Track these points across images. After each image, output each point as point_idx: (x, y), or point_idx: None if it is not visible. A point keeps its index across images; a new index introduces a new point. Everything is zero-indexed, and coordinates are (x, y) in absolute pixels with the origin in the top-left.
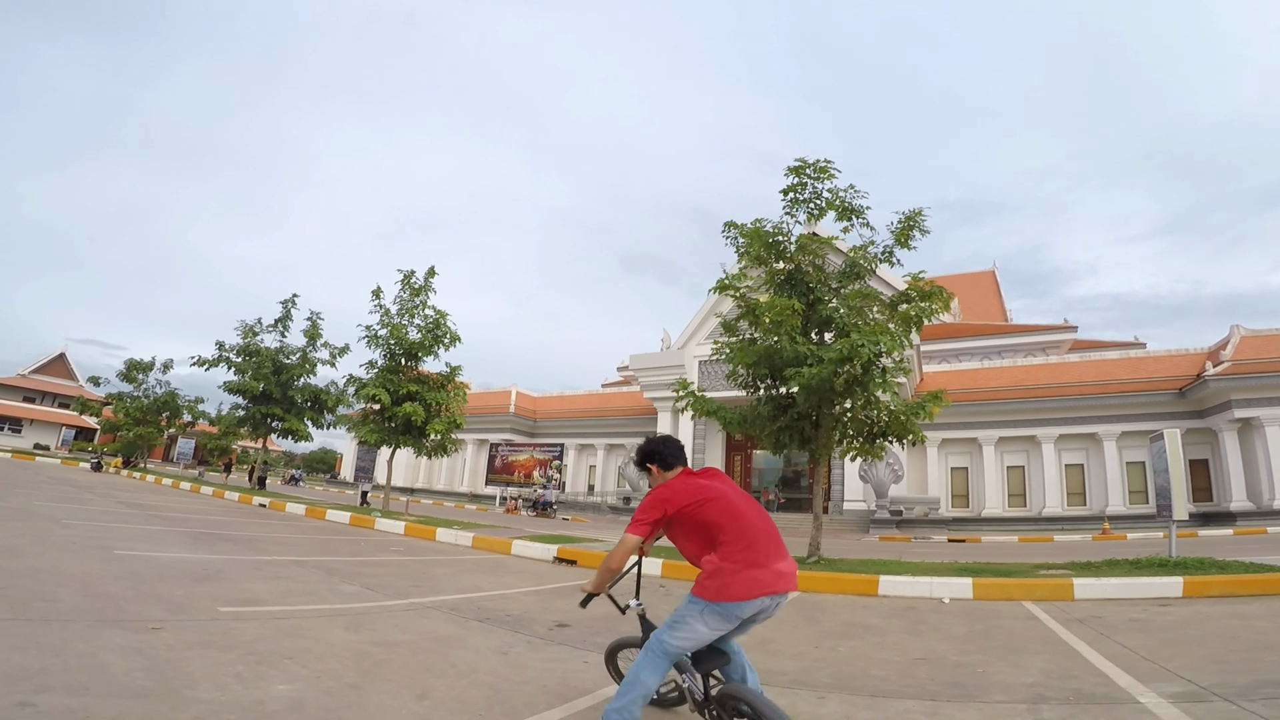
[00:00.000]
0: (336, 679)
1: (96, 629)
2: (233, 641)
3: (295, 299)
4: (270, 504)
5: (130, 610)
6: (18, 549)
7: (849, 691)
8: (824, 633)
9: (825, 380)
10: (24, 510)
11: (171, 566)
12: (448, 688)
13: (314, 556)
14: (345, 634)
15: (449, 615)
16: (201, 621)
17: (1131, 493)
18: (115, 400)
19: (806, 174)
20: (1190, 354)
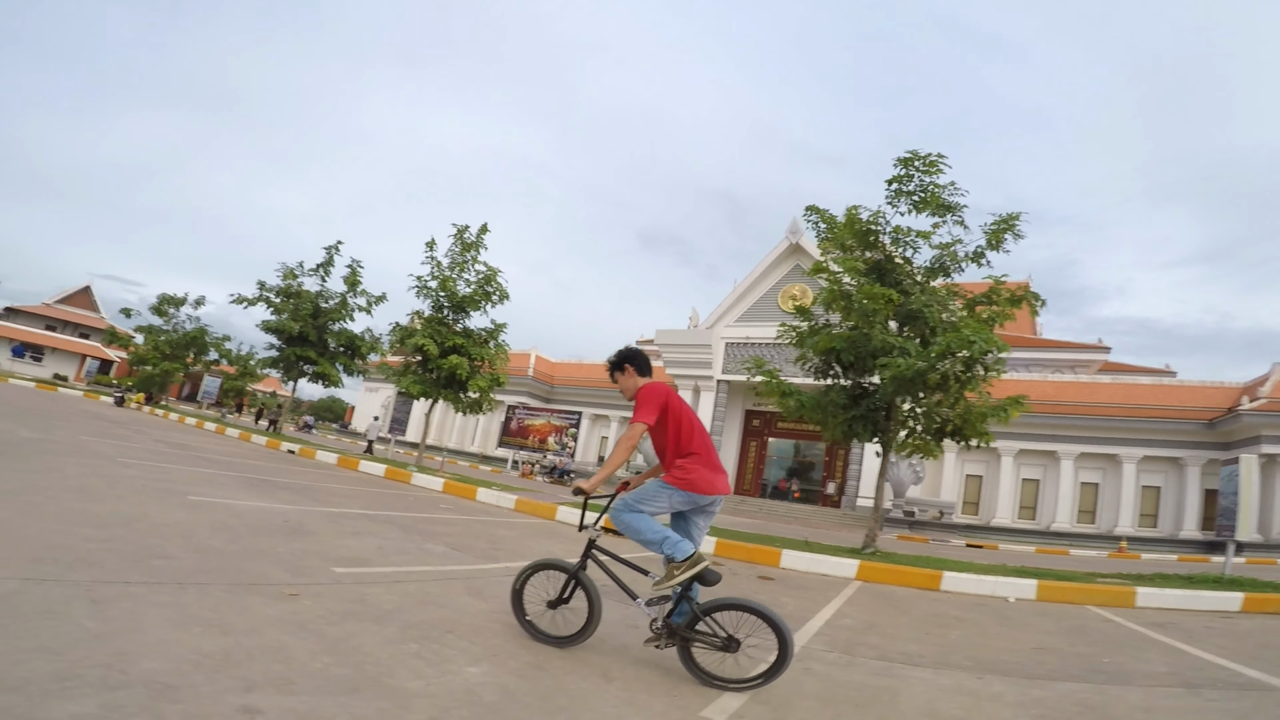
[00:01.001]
0: (515, 658)
1: (236, 596)
2: (379, 611)
3: (339, 245)
4: (300, 451)
5: (250, 571)
6: (95, 491)
7: (1002, 674)
8: (919, 622)
9: (921, 373)
10: (76, 445)
11: (252, 517)
12: (621, 668)
13: (376, 510)
14: (476, 602)
15: None
16: (328, 585)
17: (1143, 515)
18: (146, 332)
19: (914, 166)
20: (1224, 387)
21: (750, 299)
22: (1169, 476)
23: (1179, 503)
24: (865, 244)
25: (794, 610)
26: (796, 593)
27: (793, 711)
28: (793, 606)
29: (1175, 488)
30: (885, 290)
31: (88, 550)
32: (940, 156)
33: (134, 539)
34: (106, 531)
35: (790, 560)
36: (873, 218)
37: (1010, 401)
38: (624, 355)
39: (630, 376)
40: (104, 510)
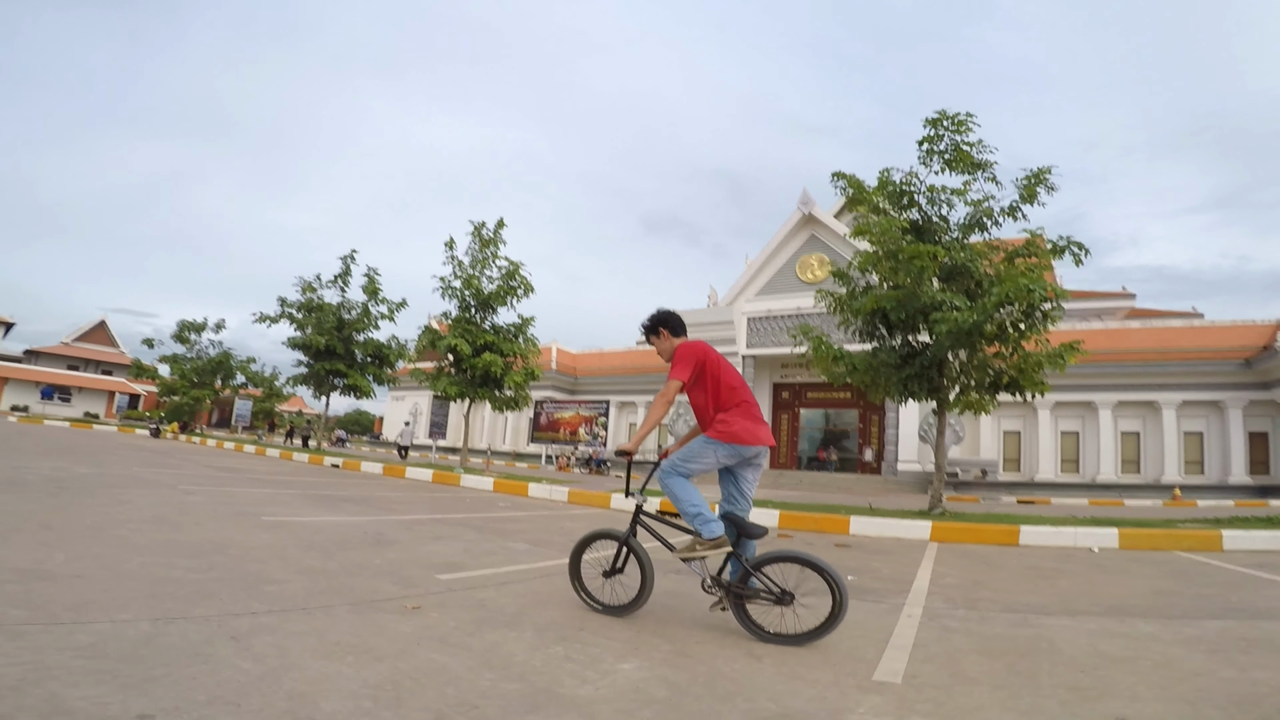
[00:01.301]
0: (655, 649)
1: (363, 615)
2: (505, 616)
3: (354, 254)
4: (344, 464)
5: (361, 588)
6: (172, 520)
7: (1140, 616)
8: (1021, 575)
9: (978, 325)
10: (134, 477)
11: (331, 531)
12: (755, 643)
13: (443, 514)
14: None
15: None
16: (441, 594)
17: (1188, 463)
18: (171, 362)
19: (944, 126)
20: (1256, 325)
21: (768, 273)
22: (1210, 421)
23: (1224, 448)
24: (899, 205)
25: (890, 573)
26: (882, 557)
27: (961, 666)
28: (887, 570)
29: (1219, 432)
30: (931, 247)
31: (196, 581)
32: (969, 115)
33: (232, 565)
34: (203, 560)
35: (860, 527)
36: (906, 179)
37: (1066, 348)
38: (658, 318)
39: (666, 339)
40: (190, 538)
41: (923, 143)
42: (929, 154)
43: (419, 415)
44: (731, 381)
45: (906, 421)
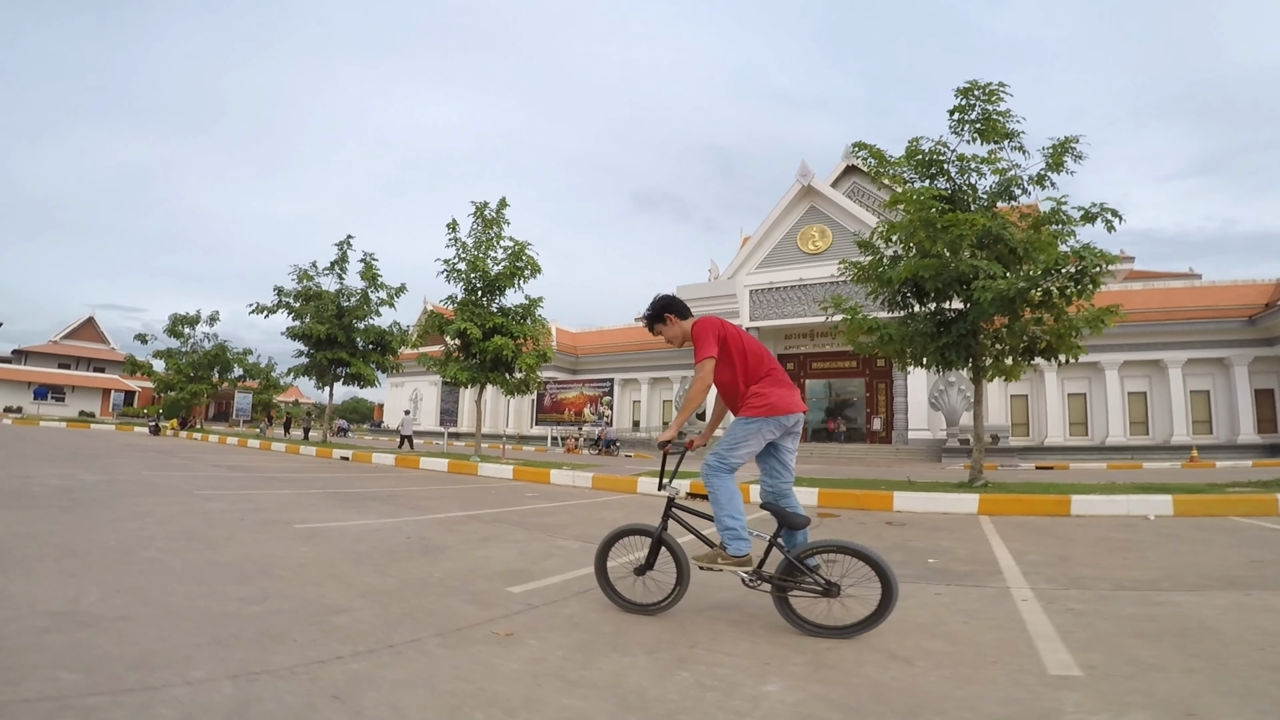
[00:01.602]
0: (788, 661)
1: (458, 650)
2: (606, 637)
3: (350, 240)
4: (354, 456)
5: (438, 611)
6: (201, 534)
7: (1259, 589)
8: (1099, 548)
9: (1023, 291)
10: (146, 483)
11: (373, 539)
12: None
13: (476, 509)
14: None
15: None
16: (525, 613)
17: (1196, 422)
18: (166, 357)
19: (974, 95)
20: (1257, 284)
21: (768, 245)
22: (1216, 379)
23: (1231, 405)
24: (927, 174)
25: (967, 552)
26: (944, 534)
27: (1130, 651)
28: (963, 550)
29: (1225, 390)
30: (970, 215)
31: (257, 617)
32: (1001, 85)
33: (286, 590)
34: (251, 586)
35: (904, 502)
36: (935, 148)
37: (1106, 311)
38: (660, 305)
39: (674, 324)
40: (228, 557)
41: (954, 112)
42: (960, 123)
43: (420, 401)
44: (757, 350)
45: (915, 390)
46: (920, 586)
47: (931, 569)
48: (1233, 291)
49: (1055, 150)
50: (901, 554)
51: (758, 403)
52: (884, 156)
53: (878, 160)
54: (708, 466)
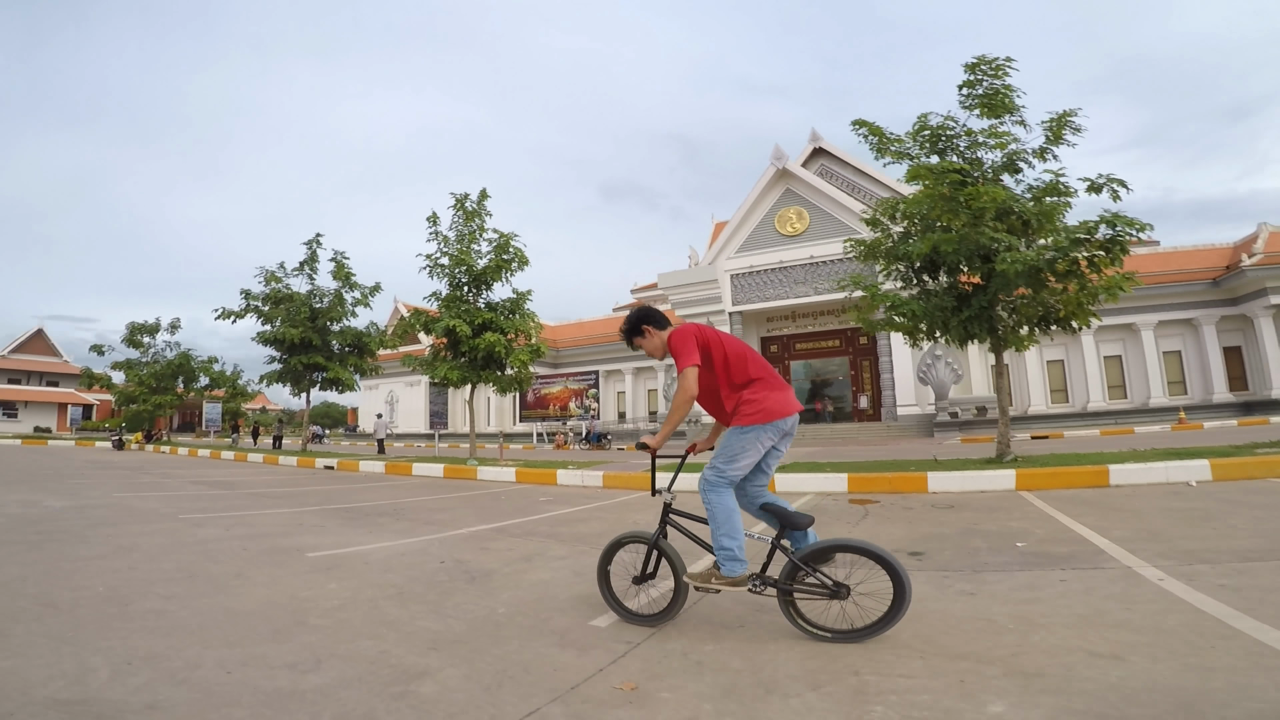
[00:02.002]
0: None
1: (592, 717)
2: (741, 676)
3: (320, 238)
4: (339, 465)
5: (534, 664)
6: (203, 572)
7: None
8: (1175, 519)
9: (1050, 261)
10: (123, 508)
11: (405, 569)
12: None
13: (497, 520)
14: (765, 615)
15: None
16: (629, 653)
17: (1170, 384)
18: (126, 368)
19: (981, 70)
20: (1217, 248)
21: (746, 229)
22: (1187, 339)
23: (1203, 365)
24: (934, 149)
25: (1044, 533)
26: (1001, 515)
27: None
28: (1039, 530)
29: (1195, 350)
30: (996, 189)
31: (320, 693)
32: (1008, 60)
33: (339, 648)
34: (293, 644)
35: (939, 483)
36: (943, 124)
37: (1123, 278)
38: (637, 318)
39: (652, 335)
40: (247, 603)
41: (962, 87)
42: (969, 98)
43: (396, 403)
44: (740, 352)
45: (901, 365)
46: (1037, 574)
47: (1026, 553)
48: (1194, 256)
49: (1055, 124)
50: (981, 539)
51: (751, 410)
52: (884, 133)
53: (878, 137)
54: (705, 482)
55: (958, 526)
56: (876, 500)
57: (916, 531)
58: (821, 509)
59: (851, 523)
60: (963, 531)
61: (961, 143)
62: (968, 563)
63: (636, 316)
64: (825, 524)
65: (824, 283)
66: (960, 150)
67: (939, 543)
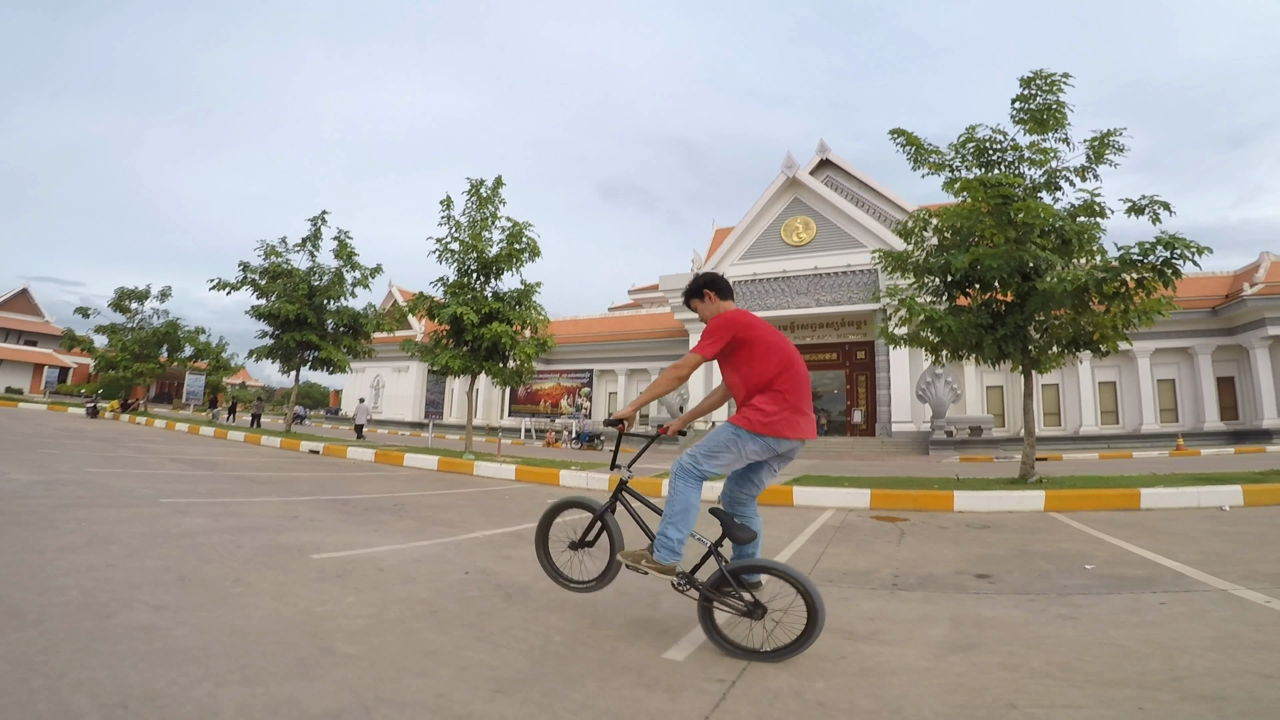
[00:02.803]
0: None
1: None
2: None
3: (325, 215)
4: (325, 450)
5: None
6: (195, 574)
7: None
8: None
9: (1099, 281)
10: (98, 487)
11: (426, 578)
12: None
13: (511, 524)
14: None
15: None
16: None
17: (1163, 410)
18: (110, 333)
19: (1036, 85)
20: (1216, 276)
21: (751, 237)
22: (1181, 368)
23: (1196, 394)
24: (980, 162)
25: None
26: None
27: None
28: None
29: (1189, 379)
30: (1046, 205)
31: None
32: (1064, 76)
33: (382, 688)
34: (325, 681)
35: (964, 502)
36: (991, 136)
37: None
38: (703, 281)
39: (711, 302)
40: (254, 620)
41: (1015, 100)
42: (1021, 112)
43: (382, 388)
44: (769, 355)
45: (898, 381)
46: (1129, 596)
47: (1100, 576)
48: (1193, 284)
49: (1097, 142)
50: (1043, 561)
51: (756, 416)
52: (922, 144)
53: (915, 147)
54: (679, 466)
55: (1008, 548)
56: (905, 518)
57: (967, 553)
58: (852, 526)
59: (892, 542)
60: (1016, 553)
61: (1008, 157)
62: (1045, 585)
63: (704, 280)
64: (862, 543)
65: (826, 295)
66: (1007, 164)
67: (999, 564)
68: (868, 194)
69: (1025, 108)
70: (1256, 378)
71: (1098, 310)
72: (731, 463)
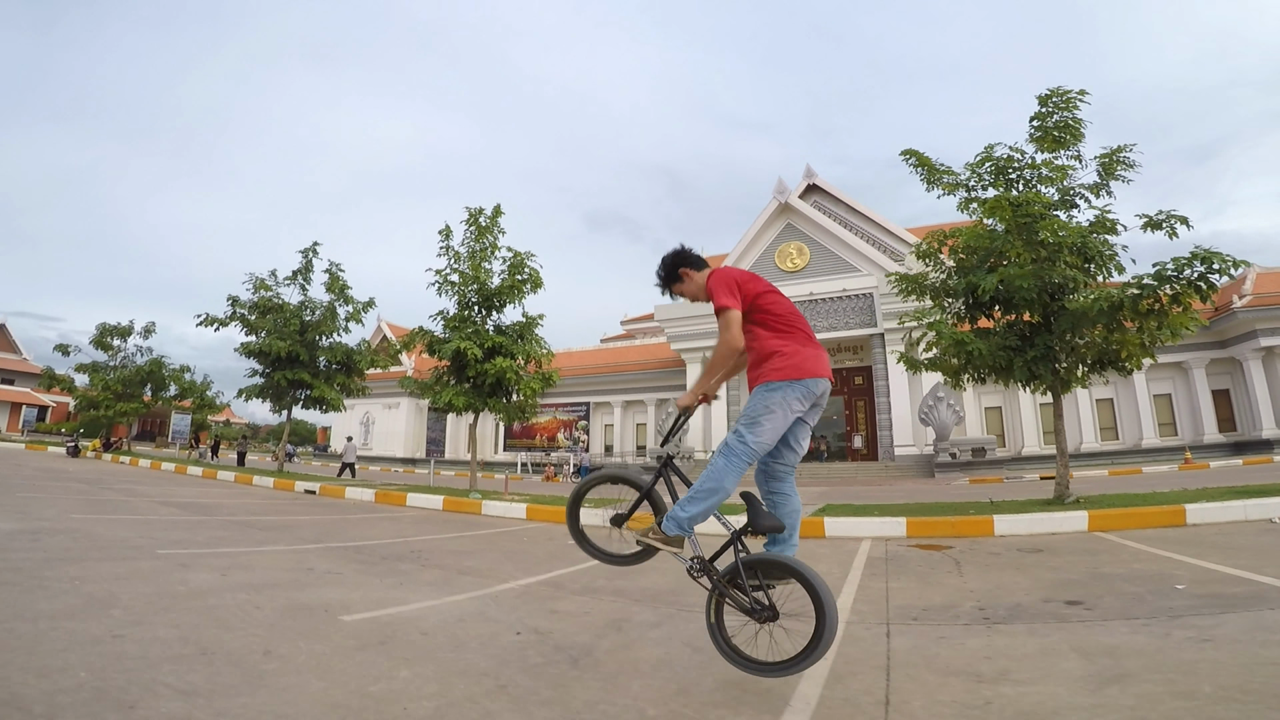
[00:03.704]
0: None
1: None
2: None
3: (316, 247)
4: (322, 490)
5: None
6: (219, 646)
7: None
8: None
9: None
10: (88, 535)
11: (478, 641)
12: None
13: (543, 571)
14: None
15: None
16: None
17: (1161, 425)
18: (91, 371)
19: (1053, 103)
20: None
21: (745, 263)
22: (1177, 382)
23: (1193, 407)
24: (1000, 182)
25: (1189, 575)
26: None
27: None
28: (1182, 574)
29: (1185, 392)
30: (1077, 226)
31: None
32: (1081, 93)
33: None
34: None
35: (1005, 526)
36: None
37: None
38: (672, 261)
39: (690, 279)
40: (305, 709)
41: (1034, 119)
42: (1039, 130)
43: (371, 425)
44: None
45: (899, 405)
46: (1247, 615)
47: (1199, 596)
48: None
49: (1108, 159)
50: (1126, 583)
51: (781, 363)
52: (934, 164)
53: (927, 168)
54: (725, 445)
55: (1078, 572)
56: (950, 546)
57: (1040, 579)
58: (901, 557)
59: (952, 572)
60: (1092, 577)
61: (1025, 175)
62: (1147, 609)
63: (671, 260)
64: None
65: (822, 320)
66: (1025, 183)
67: (1082, 590)
68: (855, 218)
69: (1042, 125)
70: (1252, 389)
71: (1129, 328)
72: (779, 425)
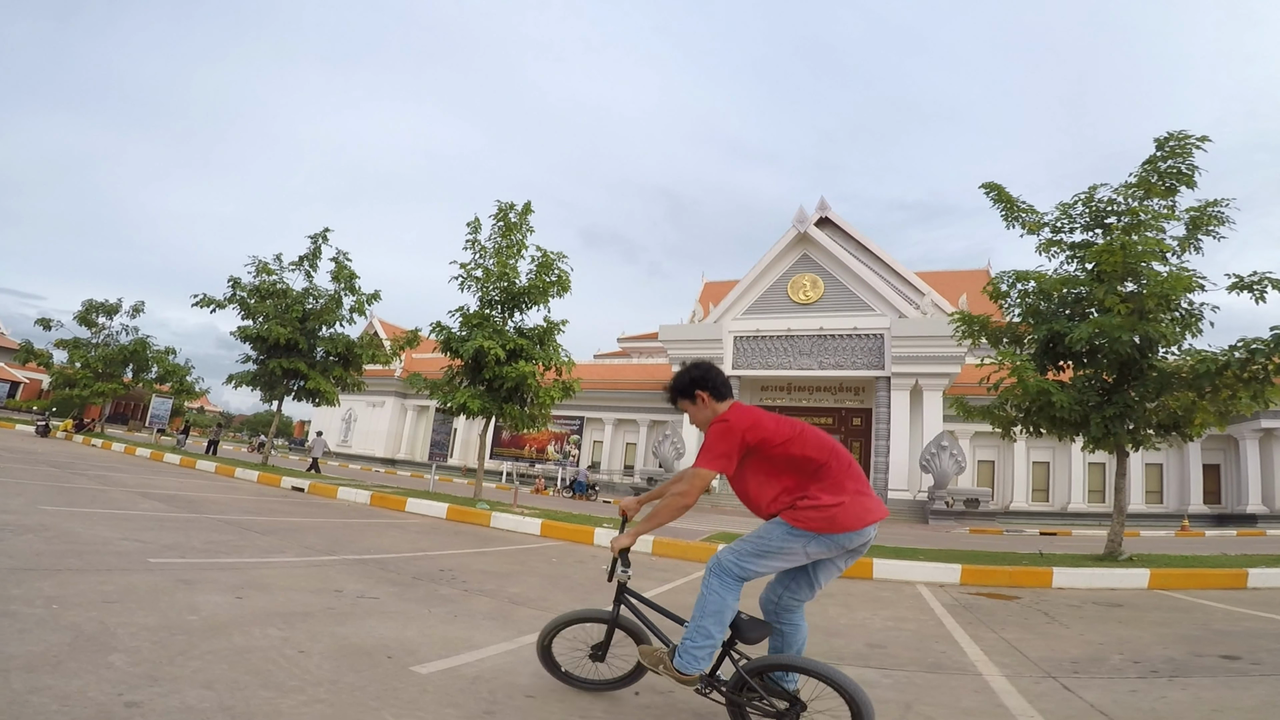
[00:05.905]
0: None
1: None
2: None
3: (327, 233)
4: (310, 488)
5: None
6: (250, 709)
7: None
8: None
9: (1241, 364)
10: (63, 533)
11: (595, 708)
12: None
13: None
14: None
15: None
16: None
17: (1148, 492)
18: (72, 348)
19: (1169, 147)
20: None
21: (757, 291)
22: (1170, 454)
23: (1183, 478)
24: (1092, 226)
25: None
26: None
27: None
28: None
29: (1178, 464)
30: (1186, 278)
31: None
32: (1202, 139)
33: None
34: None
35: (1064, 579)
36: (1111, 199)
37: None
38: (694, 378)
39: (705, 406)
40: None
41: (1147, 163)
42: (1152, 173)
43: (353, 422)
44: (803, 446)
45: (897, 450)
46: None
47: None
48: None
49: (1199, 213)
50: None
51: (816, 515)
52: (1015, 201)
53: (1007, 204)
54: (718, 563)
55: (1190, 627)
56: (1017, 596)
57: (1156, 633)
58: (975, 605)
59: (1055, 623)
60: (1212, 634)
61: (1124, 220)
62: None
63: (693, 377)
64: (1024, 624)
65: (830, 358)
66: (1122, 228)
67: (1222, 644)
68: (866, 256)
69: (1155, 169)
70: (1244, 466)
71: (1224, 393)
72: (785, 563)
